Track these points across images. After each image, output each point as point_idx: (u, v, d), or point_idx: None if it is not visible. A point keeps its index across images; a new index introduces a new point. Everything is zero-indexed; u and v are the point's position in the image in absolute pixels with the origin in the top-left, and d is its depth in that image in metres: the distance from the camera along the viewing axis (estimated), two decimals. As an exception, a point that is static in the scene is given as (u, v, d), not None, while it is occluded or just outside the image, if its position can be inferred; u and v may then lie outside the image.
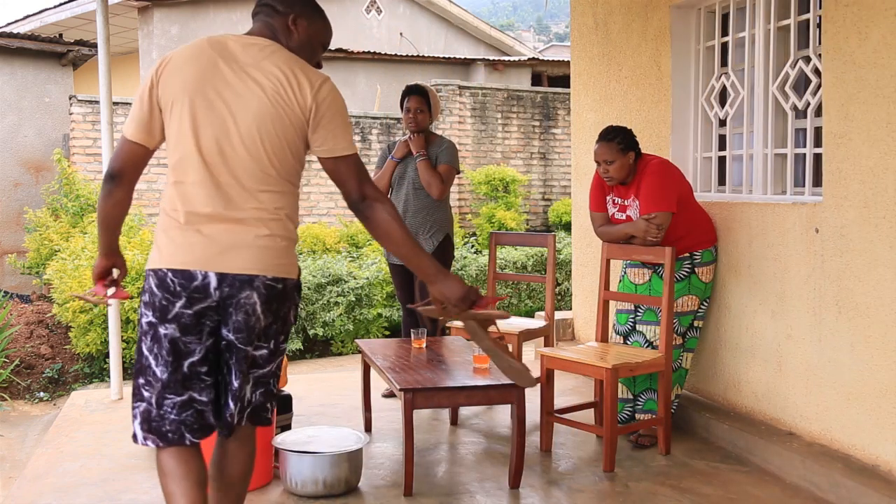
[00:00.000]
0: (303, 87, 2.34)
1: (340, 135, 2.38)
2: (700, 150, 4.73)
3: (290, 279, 2.39)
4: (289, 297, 2.41)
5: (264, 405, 2.49)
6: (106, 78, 4.94)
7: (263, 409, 2.49)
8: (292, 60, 2.39)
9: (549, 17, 60.65)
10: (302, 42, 2.47)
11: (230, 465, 2.50)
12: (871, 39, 3.38)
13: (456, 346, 4.14)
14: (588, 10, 5.70)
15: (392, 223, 2.39)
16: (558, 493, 3.49)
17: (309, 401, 4.86)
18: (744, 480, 3.62)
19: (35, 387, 6.81)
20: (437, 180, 4.73)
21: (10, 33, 10.42)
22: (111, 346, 5.05)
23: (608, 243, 4.22)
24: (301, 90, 2.33)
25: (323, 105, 2.35)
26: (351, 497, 3.42)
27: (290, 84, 2.33)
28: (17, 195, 10.08)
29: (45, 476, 3.68)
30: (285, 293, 2.38)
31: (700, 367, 4.49)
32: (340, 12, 14.55)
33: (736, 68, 4.48)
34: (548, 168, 11.15)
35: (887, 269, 3.32)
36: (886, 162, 3.32)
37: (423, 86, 4.91)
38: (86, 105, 9.20)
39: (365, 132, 10.29)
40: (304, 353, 7.71)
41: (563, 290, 9.06)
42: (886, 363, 3.34)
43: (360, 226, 9.31)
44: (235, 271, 2.29)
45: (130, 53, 15.16)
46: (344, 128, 2.40)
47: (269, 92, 2.31)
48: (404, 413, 3.36)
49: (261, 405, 2.47)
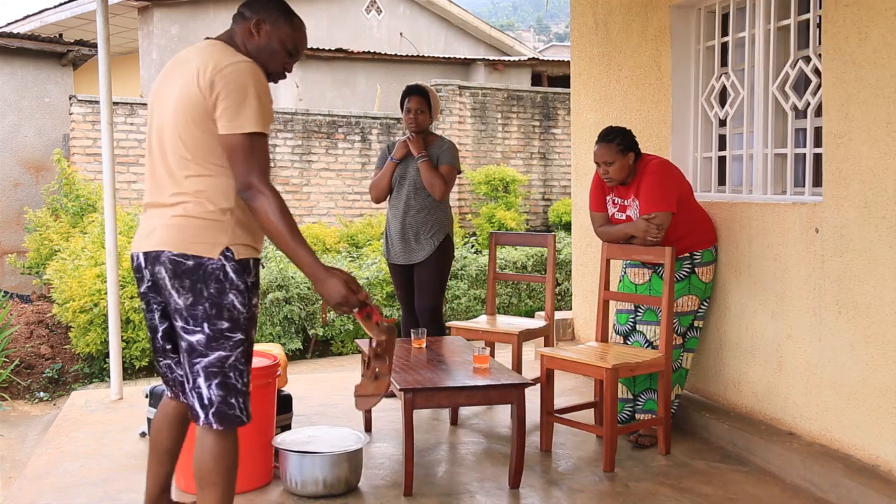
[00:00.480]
0: (208, 70, 2.38)
1: (234, 112, 2.35)
2: (700, 150, 4.73)
3: (205, 258, 2.40)
4: (211, 277, 2.41)
5: (226, 400, 2.45)
6: (106, 78, 4.94)
7: (227, 405, 2.45)
8: (218, 51, 2.44)
9: (549, 17, 60.66)
10: (261, 46, 2.54)
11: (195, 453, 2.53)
12: (871, 39, 3.38)
13: (456, 346, 4.14)
14: (588, 10, 5.70)
15: (270, 217, 2.34)
16: (558, 493, 3.49)
17: (309, 401, 4.86)
18: (744, 480, 3.62)
19: (35, 387, 6.82)
20: (439, 181, 4.73)
21: (10, 33, 10.43)
22: (111, 346, 5.05)
23: (608, 243, 4.22)
24: (206, 72, 2.38)
25: (221, 82, 2.36)
26: (351, 497, 3.42)
27: (201, 69, 2.39)
28: (17, 195, 10.08)
29: (45, 476, 3.68)
30: (201, 271, 2.40)
31: (700, 367, 4.49)
32: (340, 12, 14.56)
33: (736, 68, 4.48)
34: (548, 168, 11.15)
35: (887, 269, 3.32)
36: (886, 162, 3.32)
37: (424, 86, 4.91)
38: (86, 105, 9.20)
39: (365, 132, 10.29)
40: (304, 353, 7.71)
41: (563, 290, 9.06)
42: (886, 363, 3.34)
43: (360, 226, 9.33)
44: (147, 249, 2.49)
45: (130, 53, 15.16)
46: (239, 105, 2.35)
47: (184, 81, 2.43)
48: (404, 413, 3.35)
49: (222, 401, 2.44)
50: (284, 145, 9.90)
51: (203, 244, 2.41)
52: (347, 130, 10.20)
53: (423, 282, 4.80)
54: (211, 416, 2.45)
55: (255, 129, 2.36)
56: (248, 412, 2.52)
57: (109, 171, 4.94)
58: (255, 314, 2.53)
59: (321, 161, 10.06)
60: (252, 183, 2.35)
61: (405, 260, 4.84)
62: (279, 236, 2.36)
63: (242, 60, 2.42)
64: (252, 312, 2.50)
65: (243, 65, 2.40)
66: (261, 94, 2.39)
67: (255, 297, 2.53)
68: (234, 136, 2.36)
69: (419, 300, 4.81)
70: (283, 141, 9.89)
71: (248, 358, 2.51)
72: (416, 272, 4.84)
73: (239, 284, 2.44)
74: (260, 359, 3.65)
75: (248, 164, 2.35)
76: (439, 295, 4.82)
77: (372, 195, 4.98)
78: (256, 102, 2.37)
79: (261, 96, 2.38)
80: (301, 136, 9.96)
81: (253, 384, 3.38)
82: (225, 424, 2.47)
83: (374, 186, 4.93)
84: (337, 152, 10.16)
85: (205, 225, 2.42)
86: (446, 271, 4.86)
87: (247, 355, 2.51)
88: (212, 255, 2.41)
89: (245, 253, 2.47)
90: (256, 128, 2.36)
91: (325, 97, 12.48)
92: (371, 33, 14.82)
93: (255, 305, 2.52)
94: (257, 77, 2.40)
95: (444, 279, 4.84)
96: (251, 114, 2.36)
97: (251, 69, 2.41)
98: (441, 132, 10.41)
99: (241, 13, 2.57)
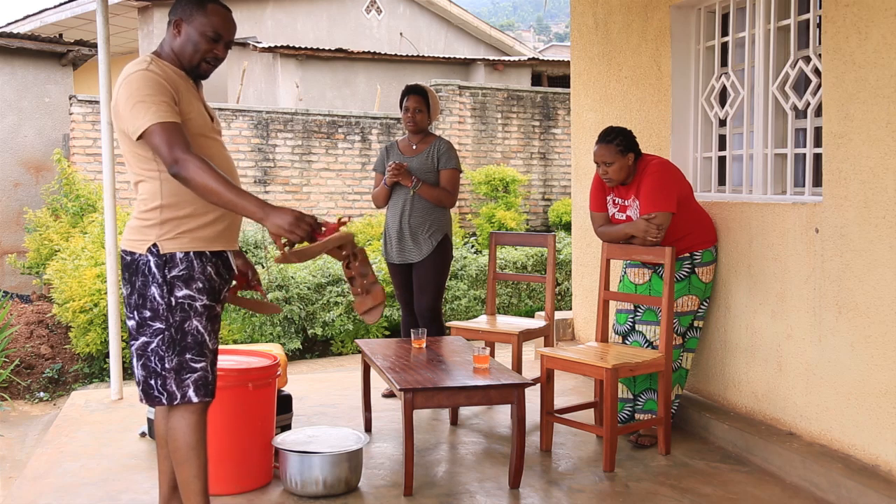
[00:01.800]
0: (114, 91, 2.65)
1: (130, 117, 2.57)
2: (700, 150, 4.73)
3: (137, 253, 2.66)
4: (139, 271, 2.65)
5: (147, 381, 2.68)
6: (106, 78, 4.95)
7: (149, 386, 2.68)
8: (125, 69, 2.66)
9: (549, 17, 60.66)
10: (183, 42, 2.73)
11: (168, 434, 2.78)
12: (871, 39, 3.38)
13: (456, 346, 4.14)
14: (588, 10, 5.70)
15: (200, 179, 2.51)
16: (558, 493, 3.49)
17: (309, 401, 4.86)
18: (744, 480, 3.62)
19: (35, 387, 6.82)
20: (445, 195, 4.80)
21: (10, 33, 10.42)
22: (111, 346, 5.05)
23: (608, 243, 4.22)
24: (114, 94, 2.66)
25: (119, 100, 2.60)
26: (351, 497, 3.42)
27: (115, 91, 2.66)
28: (17, 195, 10.08)
29: (45, 476, 3.68)
30: (134, 265, 2.66)
31: (700, 367, 4.49)
32: (340, 12, 14.56)
33: (736, 68, 4.48)
34: (548, 168, 11.15)
35: (887, 269, 3.32)
36: (886, 162, 3.32)
37: (422, 86, 4.92)
38: (86, 105, 9.20)
39: (365, 132, 10.29)
40: (304, 353, 7.71)
41: (563, 290, 9.06)
42: (886, 363, 3.34)
43: (360, 226, 9.33)
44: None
45: (130, 53, 15.18)
46: (131, 110, 2.56)
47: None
48: (404, 413, 3.36)
49: (144, 381, 2.69)
50: (284, 145, 9.90)
51: (136, 241, 2.67)
52: (347, 130, 10.20)
53: (421, 282, 4.80)
54: (140, 392, 2.73)
55: (153, 122, 2.54)
56: (172, 394, 2.67)
57: (109, 171, 4.94)
58: (186, 304, 2.64)
59: (321, 161, 10.06)
60: (175, 158, 2.52)
61: (404, 259, 4.84)
62: (214, 193, 2.51)
63: (133, 72, 2.62)
64: (178, 303, 2.64)
65: (134, 75, 2.61)
66: (151, 92, 2.57)
67: (186, 288, 2.65)
68: (147, 131, 2.54)
69: (418, 300, 4.81)
70: (283, 141, 9.89)
71: (171, 345, 2.65)
72: (414, 272, 4.84)
73: (159, 278, 2.64)
74: (260, 359, 3.66)
75: (166, 146, 2.53)
76: (438, 295, 4.82)
77: (374, 204, 5.05)
78: (150, 100, 2.56)
79: (152, 94, 2.56)
80: (301, 136, 9.96)
81: (253, 384, 3.42)
82: (149, 402, 2.72)
83: (373, 199, 5.01)
84: (337, 152, 10.16)
85: (139, 224, 2.68)
86: (445, 271, 4.86)
87: (170, 342, 2.65)
88: (141, 251, 2.66)
89: (173, 247, 2.64)
90: (154, 120, 2.54)
91: (325, 97, 12.48)
92: (371, 33, 14.82)
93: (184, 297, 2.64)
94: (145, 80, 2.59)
95: (442, 279, 4.84)
96: (142, 113, 2.55)
97: (138, 76, 2.60)
98: (441, 132, 10.41)
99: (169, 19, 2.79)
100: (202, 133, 2.72)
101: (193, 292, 2.66)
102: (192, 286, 2.66)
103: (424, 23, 15.38)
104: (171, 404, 2.68)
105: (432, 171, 4.81)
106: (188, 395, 2.67)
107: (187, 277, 2.65)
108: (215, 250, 2.73)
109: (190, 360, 2.67)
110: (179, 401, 2.68)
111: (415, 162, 4.82)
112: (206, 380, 2.71)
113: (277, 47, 12.17)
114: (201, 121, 2.73)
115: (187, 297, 2.65)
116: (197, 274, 2.66)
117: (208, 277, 2.69)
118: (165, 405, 2.71)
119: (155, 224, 2.64)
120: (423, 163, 4.81)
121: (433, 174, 4.81)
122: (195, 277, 2.66)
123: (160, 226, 2.64)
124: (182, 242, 2.65)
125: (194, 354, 2.68)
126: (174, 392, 2.67)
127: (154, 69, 2.62)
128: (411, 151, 4.90)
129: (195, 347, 2.68)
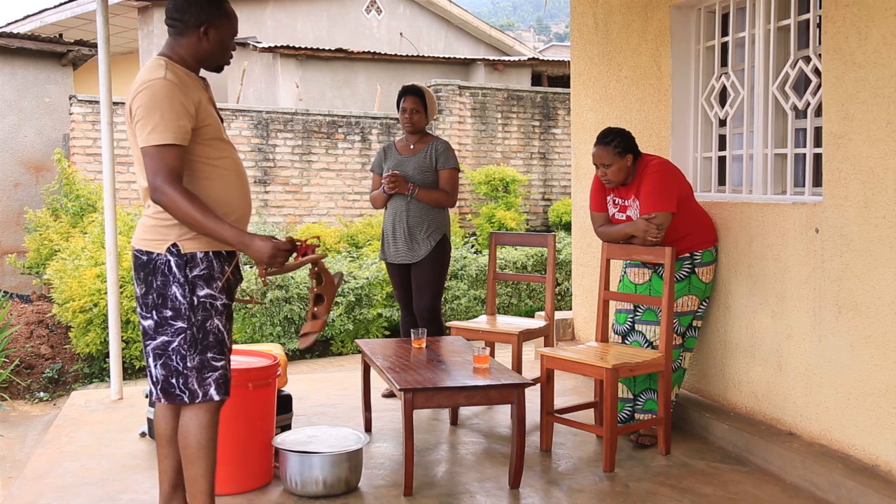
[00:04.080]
0: (132, 92, 2.62)
1: (140, 128, 2.59)
2: (700, 150, 4.73)
3: (154, 252, 2.66)
4: (158, 271, 2.66)
5: (168, 380, 2.69)
6: (106, 78, 4.95)
7: (169, 384, 2.69)
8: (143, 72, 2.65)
9: (549, 17, 60.67)
10: (213, 47, 2.75)
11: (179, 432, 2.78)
12: (871, 39, 3.38)
13: (456, 346, 4.14)
14: (588, 10, 5.70)
15: (178, 211, 2.56)
16: (558, 493, 3.49)
17: (309, 401, 4.86)
18: (744, 480, 3.62)
19: (35, 387, 6.82)
20: (444, 197, 4.80)
21: (10, 33, 10.43)
22: (111, 346, 5.05)
23: (608, 243, 4.22)
24: (131, 94, 2.63)
25: (136, 102, 2.60)
26: (351, 497, 3.42)
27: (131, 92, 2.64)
28: (17, 195, 10.08)
29: (45, 476, 3.68)
30: (152, 265, 2.67)
31: (700, 367, 4.49)
32: (340, 12, 14.55)
33: (736, 68, 4.48)
34: (548, 168, 11.15)
35: (887, 269, 3.32)
36: (886, 162, 3.32)
37: (419, 86, 4.91)
38: (86, 105, 9.20)
39: (365, 132, 10.29)
40: (304, 353, 7.71)
41: (563, 290, 9.06)
42: (886, 363, 3.34)
43: (360, 226, 9.33)
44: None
45: (130, 53, 15.19)
46: (144, 121, 2.57)
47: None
48: (404, 413, 3.36)
49: (165, 380, 2.69)
50: (284, 145, 9.90)
51: (153, 241, 2.68)
52: (347, 130, 10.20)
53: (420, 282, 4.80)
54: (158, 391, 2.72)
55: (158, 143, 2.56)
56: (193, 392, 2.70)
57: (109, 171, 4.94)
58: (208, 303, 2.68)
59: (321, 161, 10.06)
60: (156, 186, 2.56)
61: (402, 260, 4.84)
62: (194, 223, 2.57)
63: (154, 80, 2.60)
64: (199, 302, 2.66)
65: (155, 83, 2.59)
66: (165, 109, 2.56)
67: (207, 287, 2.68)
68: (145, 149, 2.58)
69: (417, 300, 4.81)
70: (283, 141, 9.89)
71: (193, 344, 2.68)
72: (413, 272, 4.84)
73: (180, 278, 2.65)
74: (260, 359, 3.66)
75: (154, 171, 2.57)
76: (437, 295, 4.82)
77: (372, 206, 5.06)
78: (159, 117, 2.56)
79: (164, 112, 2.56)
80: (301, 136, 9.96)
81: (253, 384, 3.42)
82: (169, 400, 2.72)
83: (371, 201, 5.02)
84: (337, 152, 10.16)
85: (155, 224, 2.68)
86: (444, 271, 4.86)
87: (192, 341, 2.67)
88: (160, 251, 2.66)
89: (193, 247, 2.66)
90: (160, 140, 2.56)
91: (325, 97, 12.47)
92: (371, 33, 14.82)
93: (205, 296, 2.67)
94: (165, 93, 2.58)
95: (441, 279, 4.84)
96: (154, 128, 2.56)
97: (160, 86, 2.58)
98: (441, 132, 10.42)
99: (182, 21, 2.71)
100: (218, 136, 2.75)
101: (214, 291, 2.70)
102: (212, 285, 2.69)
103: (424, 23, 15.38)
104: (193, 402, 2.71)
105: (430, 172, 4.81)
106: (209, 393, 2.71)
107: (208, 277, 2.68)
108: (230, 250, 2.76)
109: (211, 358, 2.71)
110: (201, 399, 2.70)
111: (412, 162, 4.82)
112: (225, 378, 2.75)
113: (277, 47, 12.17)
114: (217, 125, 2.76)
115: (209, 296, 2.69)
116: (216, 273, 2.70)
117: (226, 277, 2.72)
118: (186, 403, 2.71)
119: (174, 224, 2.65)
120: (420, 163, 4.81)
121: (431, 174, 4.81)
122: (215, 277, 2.70)
123: (180, 225, 2.64)
124: (202, 242, 2.67)
125: (216, 353, 2.71)
126: (196, 390, 2.70)
127: (171, 77, 2.62)
128: (409, 152, 4.89)
129: (216, 346, 2.71)
